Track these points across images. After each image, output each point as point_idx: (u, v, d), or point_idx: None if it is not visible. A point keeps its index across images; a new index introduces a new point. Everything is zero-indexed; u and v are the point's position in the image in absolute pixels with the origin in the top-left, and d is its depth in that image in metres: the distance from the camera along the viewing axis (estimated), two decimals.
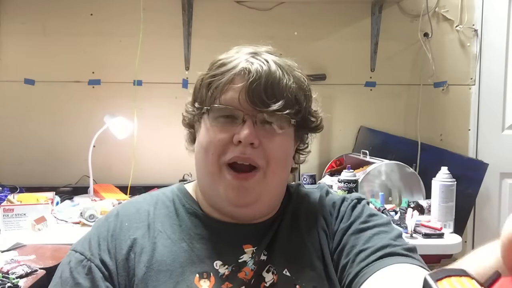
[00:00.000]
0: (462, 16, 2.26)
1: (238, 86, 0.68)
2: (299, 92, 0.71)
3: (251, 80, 0.67)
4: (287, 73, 0.70)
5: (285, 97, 0.68)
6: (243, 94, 0.67)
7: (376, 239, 0.68)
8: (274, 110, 0.67)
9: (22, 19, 2.18)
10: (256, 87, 0.67)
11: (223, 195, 0.69)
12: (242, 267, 0.69)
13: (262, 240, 0.72)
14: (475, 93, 2.29)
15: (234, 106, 0.68)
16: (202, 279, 0.67)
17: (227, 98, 0.68)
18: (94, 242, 0.70)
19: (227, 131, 0.68)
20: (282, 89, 0.68)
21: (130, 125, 2.03)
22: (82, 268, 0.67)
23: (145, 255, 0.68)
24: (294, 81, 0.70)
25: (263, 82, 0.67)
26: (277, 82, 0.68)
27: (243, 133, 0.66)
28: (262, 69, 0.68)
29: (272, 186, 0.71)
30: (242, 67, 0.68)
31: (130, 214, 0.74)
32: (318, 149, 2.32)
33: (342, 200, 0.77)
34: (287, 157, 0.73)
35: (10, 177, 2.08)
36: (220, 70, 0.70)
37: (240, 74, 0.68)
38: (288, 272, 0.69)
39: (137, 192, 1.98)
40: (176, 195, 0.77)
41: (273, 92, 0.67)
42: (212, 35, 2.17)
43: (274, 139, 0.69)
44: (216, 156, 0.68)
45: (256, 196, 0.69)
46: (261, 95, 0.67)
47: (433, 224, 1.59)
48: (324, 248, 0.72)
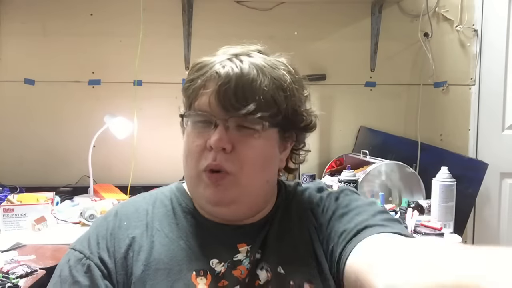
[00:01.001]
0: (462, 16, 2.26)
1: (209, 91, 0.67)
2: (277, 92, 0.68)
3: (220, 83, 0.66)
4: (263, 74, 0.67)
5: (257, 99, 0.65)
6: (213, 99, 0.66)
7: (356, 218, 0.68)
8: (245, 114, 0.65)
9: (22, 19, 2.19)
10: (226, 90, 0.65)
11: (203, 194, 0.69)
12: (237, 265, 0.69)
13: (256, 239, 0.72)
14: (475, 93, 2.29)
15: (206, 111, 0.67)
16: (199, 277, 0.67)
17: (200, 103, 0.68)
18: (93, 241, 0.70)
19: (203, 136, 0.68)
20: (255, 91, 0.66)
21: (130, 125, 2.03)
22: (81, 266, 0.67)
23: (143, 254, 0.69)
24: (271, 81, 0.68)
25: (233, 86, 0.65)
26: (249, 84, 0.66)
27: (213, 139, 0.65)
28: (233, 71, 0.66)
29: (249, 189, 0.69)
30: (213, 71, 0.67)
31: (129, 213, 0.74)
32: (318, 149, 2.32)
33: (328, 193, 0.77)
34: (266, 161, 0.71)
35: (10, 177, 2.08)
36: (196, 75, 0.70)
37: (211, 79, 0.67)
38: (282, 270, 0.69)
39: (137, 192, 1.96)
40: (174, 194, 0.77)
41: (244, 95, 0.65)
42: (212, 35, 2.17)
43: (249, 143, 0.67)
44: (194, 162, 0.69)
45: (231, 197, 0.69)
46: (231, 99, 0.65)
47: (433, 224, 1.59)
48: (315, 243, 0.72)
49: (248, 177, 0.68)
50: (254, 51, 0.72)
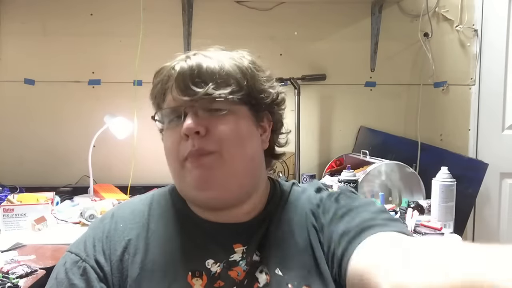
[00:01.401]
0: (462, 16, 2.26)
1: (169, 86, 0.71)
2: (233, 70, 0.70)
3: (177, 75, 0.69)
4: (217, 59, 0.70)
5: (215, 79, 0.68)
6: (174, 91, 0.69)
7: (357, 218, 0.67)
8: (205, 94, 0.67)
9: (22, 19, 2.19)
10: (183, 79, 0.69)
11: (190, 181, 0.68)
12: (233, 266, 0.69)
13: (252, 239, 0.72)
14: (475, 93, 2.29)
15: (173, 105, 0.70)
16: (194, 278, 0.67)
17: (167, 100, 0.71)
18: (89, 243, 0.70)
19: (176, 131, 0.69)
20: (211, 73, 0.69)
21: (130, 125, 2.03)
22: (77, 269, 0.67)
23: (139, 256, 0.69)
24: (226, 62, 0.70)
25: (189, 73, 0.69)
26: (204, 69, 0.69)
27: (185, 125, 0.67)
28: (187, 63, 0.70)
29: (234, 167, 0.69)
30: (169, 69, 0.71)
31: (125, 215, 0.74)
32: (318, 149, 2.32)
33: (329, 194, 0.77)
34: (242, 135, 0.71)
35: (10, 177, 2.08)
36: (158, 79, 0.74)
37: (169, 76, 0.71)
38: (280, 272, 0.69)
39: (137, 192, 1.98)
40: (169, 195, 0.78)
41: (200, 79, 0.68)
42: (212, 35, 2.17)
43: (222, 121, 0.68)
44: (174, 156, 0.70)
45: (217, 176, 0.68)
46: (189, 85, 0.68)
47: (433, 224, 1.59)
48: (314, 245, 0.71)
49: (229, 153, 0.68)
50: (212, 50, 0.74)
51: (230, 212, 0.72)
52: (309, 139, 2.30)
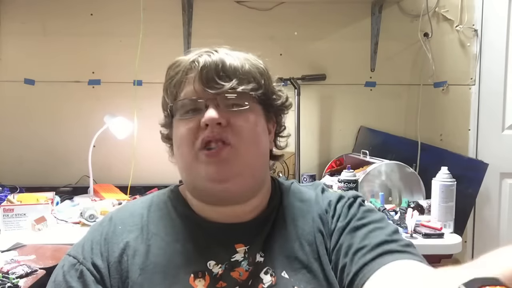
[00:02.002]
0: (462, 16, 2.26)
1: (191, 77, 0.71)
2: (253, 69, 0.73)
3: (201, 67, 0.69)
4: (237, 57, 0.72)
5: (237, 75, 0.70)
6: (197, 83, 0.70)
7: (372, 236, 0.67)
8: (230, 88, 0.69)
9: (22, 19, 2.19)
10: (208, 72, 0.69)
11: (204, 174, 0.68)
12: (235, 267, 0.69)
13: (254, 239, 0.71)
14: (475, 93, 2.29)
15: (193, 96, 0.70)
16: (197, 279, 0.67)
17: (186, 92, 0.71)
18: (87, 246, 0.71)
19: (194, 121, 0.69)
20: (233, 69, 0.70)
21: (130, 125, 2.03)
22: (75, 271, 0.68)
23: (139, 258, 0.69)
24: (246, 61, 0.73)
25: (214, 67, 0.70)
26: (228, 64, 0.70)
27: (207, 115, 0.67)
28: (210, 57, 0.71)
29: (249, 159, 0.70)
30: (191, 61, 0.71)
31: (124, 218, 0.74)
32: (318, 149, 2.32)
33: (338, 198, 0.77)
34: (259, 132, 0.72)
35: (10, 177, 2.08)
36: (175, 70, 0.73)
37: (191, 68, 0.71)
38: (286, 274, 0.69)
39: (137, 192, 1.98)
40: (168, 197, 0.78)
41: (225, 74, 0.70)
42: (212, 35, 2.17)
43: (241, 116, 0.70)
44: (189, 144, 0.69)
45: (234, 169, 0.68)
46: (214, 78, 0.69)
47: (433, 224, 1.59)
48: (320, 250, 0.71)
49: (246, 147, 0.69)
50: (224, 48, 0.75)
51: (234, 209, 0.72)
52: (309, 139, 2.30)
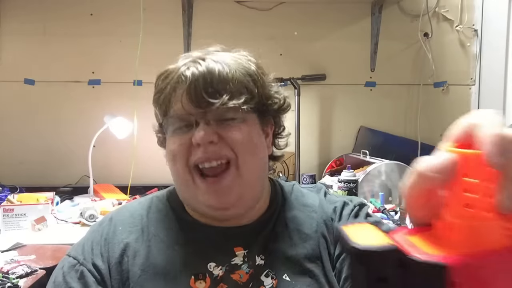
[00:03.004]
0: (462, 16, 2.26)
1: (180, 93, 0.67)
2: (245, 78, 0.69)
3: (188, 83, 0.66)
4: (227, 65, 0.68)
5: (228, 89, 0.66)
6: (185, 100, 0.67)
7: None
8: (220, 105, 0.65)
9: (22, 19, 2.19)
10: (196, 88, 0.66)
11: (203, 201, 0.68)
12: (235, 269, 0.69)
13: (254, 242, 0.71)
14: (475, 93, 2.29)
15: (182, 114, 0.67)
16: (198, 281, 0.67)
17: (175, 108, 0.68)
18: (87, 247, 0.70)
19: (186, 137, 0.67)
20: (224, 82, 0.67)
21: (130, 125, 2.03)
22: (75, 272, 0.67)
23: (139, 259, 0.68)
24: (237, 70, 0.69)
25: (201, 82, 0.66)
26: (217, 77, 0.67)
27: (198, 135, 0.65)
28: (198, 70, 0.67)
29: (248, 178, 0.69)
30: (178, 75, 0.68)
31: (124, 219, 0.74)
32: (318, 149, 2.32)
33: (343, 204, 0.76)
34: (256, 143, 0.71)
35: (10, 177, 2.08)
36: (163, 83, 0.70)
37: (179, 83, 0.67)
38: (288, 277, 0.68)
39: (137, 192, 1.98)
40: (167, 199, 0.77)
41: (214, 89, 0.66)
42: (212, 35, 2.14)
43: (234, 129, 0.67)
44: (183, 160, 0.67)
45: (236, 194, 0.68)
46: (202, 95, 0.66)
47: None
48: (323, 255, 0.70)
49: (245, 162, 0.67)
50: (214, 51, 0.73)
51: (234, 219, 0.72)
52: (309, 139, 2.30)
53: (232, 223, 0.72)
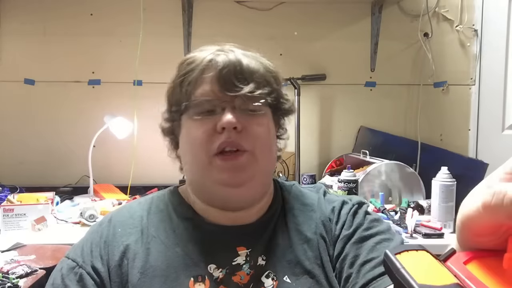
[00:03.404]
0: (462, 16, 2.26)
1: (209, 77, 0.69)
2: (267, 74, 0.72)
3: (220, 68, 0.68)
4: (253, 59, 0.72)
5: (254, 79, 0.69)
6: (215, 84, 0.68)
7: (379, 248, 0.67)
8: (248, 92, 0.68)
9: (22, 19, 2.19)
10: (226, 74, 0.68)
11: (217, 179, 0.68)
12: (236, 271, 0.68)
13: (256, 242, 0.71)
14: (475, 93, 2.29)
15: (210, 97, 0.69)
16: (197, 283, 0.66)
17: (201, 91, 0.69)
18: (87, 249, 0.70)
19: (209, 123, 0.68)
20: (251, 72, 0.70)
21: (130, 125, 2.03)
22: (74, 275, 0.67)
23: (139, 261, 0.68)
24: (260, 65, 0.72)
25: (232, 69, 0.69)
26: (246, 67, 0.70)
27: (225, 119, 0.66)
28: (228, 57, 0.69)
29: (263, 165, 0.70)
30: (209, 59, 0.70)
31: (123, 220, 0.73)
32: (318, 149, 2.32)
33: (341, 204, 0.76)
34: (271, 138, 0.74)
35: (10, 177, 2.08)
36: (189, 67, 0.71)
37: (208, 66, 0.69)
38: (288, 279, 0.68)
39: (137, 192, 1.98)
40: (169, 199, 0.77)
41: (242, 76, 0.69)
42: (212, 35, 2.14)
43: (256, 121, 0.70)
44: (204, 148, 0.68)
45: (250, 174, 0.69)
46: (232, 81, 0.68)
47: (433, 224, 1.59)
48: (323, 256, 0.71)
49: (261, 154, 0.69)
50: (233, 46, 0.75)
51: (239, 213, 0.72)
52: (309, 139, 2.30)
53: (236, 222, 0.72)
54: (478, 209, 0.29)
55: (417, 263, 0.28)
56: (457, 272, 0.28)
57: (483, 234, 0.30)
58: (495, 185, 0.29)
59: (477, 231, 0.31)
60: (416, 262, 0.28)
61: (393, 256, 0.29)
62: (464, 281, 0.27)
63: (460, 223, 0.32)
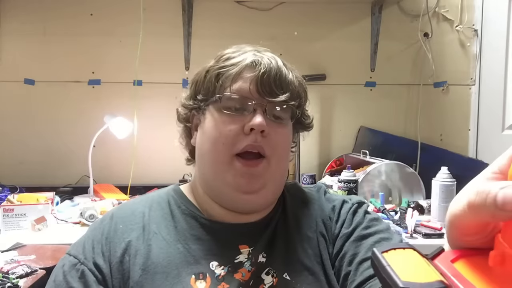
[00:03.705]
0: (462, 16, 2.26)
1: (249, 77, 0.70)
2: (300, 88, 0.75)
3: (262, 71, 0.70)
4: (290, 69, 0.74)
5: (290, 89, 0.72)
6: (253, 85, 0.70)
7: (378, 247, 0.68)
8: (282, 101, 0.70)
9: (22, 19, 2.19)
10: (267, 78, 0.70)
11: (232, 182, 0.69)
12: (238, 268, 0.69)
13: (258, 240, 0.71)
14: (475, 93, 2.29)
15: (245, 95, 0.70)
16: (198, 280, 0.66)
17: (237, 88, 0.70)
18: (88, 245, 0.70)
19: (237, 122, 0.69)
20: (288, 82, 0.72)
21: (130, 125, 2.03)
22: (76, 272, 0.67)
23: (140, 258, 0.68)
24: (296, 77, 0.75)
25: (273, 74, 0.70)
26: (284, 75, 0.72)
27: (257, 120, 0.68)
28: (270, 62, 0.71)
29: (276, 174, 0.72)
30: (252, 59, 0.71)
31: (125, 216, 0.73)
32: (318, 149, 2.32)
33: (341, 203, 0.77)
34: (288, 149, 0.76)
35: (10, 177, 2.08)
36: (229, 62, 0.72)
37: (250, 66, 0.71)
38: (288, 276, 0.69)
39: (137, 192, 1.98)
40: (171, 196, 0.77)
41: (280, 84, 0.71)
42: (212, 35, 2.17)
43: (280, 130, 0.72)
44: (227, 146, 0.69)
45: (263, 182, 0.70)
46: (271, 86, 0.70)
47: (433, 224, 1.59)
48: (323, 254, 0.71)
49: (277, 162, 0.71)
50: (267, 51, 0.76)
51: (247, 215, 0.73)
52: (309, 139, 2.30)
53: (239, 220, 0.73)
54: (464, 208, 0.30)
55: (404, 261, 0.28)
56: (444, 270, 0.29)
57: (470, 233, 0.31)
58: (480, 184, 0.29)
59: (464, 230, 0.31)
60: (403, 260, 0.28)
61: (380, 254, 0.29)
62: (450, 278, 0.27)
63: (448, 222, 0.33)
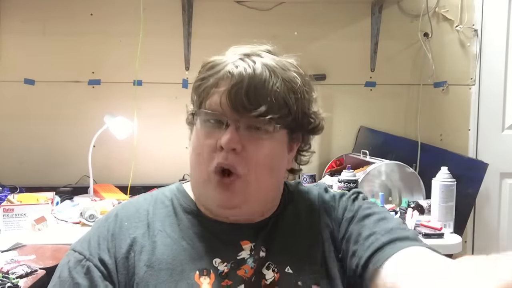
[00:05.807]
0: (462, 16, 2.26)
1: (221, 90, 0.66)
2: (288, 94, 0.68)
3: (233, 83, 0.66)
4: (275, 75, 0.67)
5: (269, 101, 0.65)
6: (224, 98, 0.66)
7: (382, 223, 0.69)
8: (256, 116, 0.65)
9: (22, 19, 2.18)
10: (238, 91, 0.65)
11: (213, 197, 0.69)
12: (241, 265, 0.69)
13: (260, 235, 0.72)
14: (475, 93, 2.29)
15: (217, 111, 0.67)
16: (202, 276, 0.67)
17: (212, 102, 0.68)
18: (94, 242, 0.70)
19: (213, 136, 0.68)
20: (266, 92, 0.66)
21: (130, 125, 2.03)
22: (81, 267, 0.67)
23: (145, 254, 0.69)
24: (282, 83, 0.67)
25: (245, 86, 0.65)
26: (262, 85, 0.66)
27: (224, 139, 0.65)
28: (246, 72, 0.66)
29: (257, 191, 0.70)
30: (225, 71, 0.67)
31: (130, 214, 0.74)
32: (318, 149, 2.32)
33: (341, 193, 0.79)
34: (275, 161, 0.71)
35: (10, 177, 2.08)
36: (208, 73, 0.70)
37: (223, 78, 0.67)
38: (290, 269, 0.69)
39: (137, 192, 1.98)
40: (174, 195, 0.77)
41: (255, 97, 0.65)
42: (212, 35, 2.17)
43: (259, 144, 0.67)
44: (204, 163, 0.69)
45: (243, 198, 0.69)
46: (243, 100, 0.65)
47: (433, 224, 1.59)
48: (326, 244, 0.72)
49: (257, 178, 0.68)
50: (264, 51, 0.72)
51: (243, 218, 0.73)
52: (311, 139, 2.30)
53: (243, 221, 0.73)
54: None
55: None
56: None
57: None
58: None
59: None
60: None
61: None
62: None
63: None
